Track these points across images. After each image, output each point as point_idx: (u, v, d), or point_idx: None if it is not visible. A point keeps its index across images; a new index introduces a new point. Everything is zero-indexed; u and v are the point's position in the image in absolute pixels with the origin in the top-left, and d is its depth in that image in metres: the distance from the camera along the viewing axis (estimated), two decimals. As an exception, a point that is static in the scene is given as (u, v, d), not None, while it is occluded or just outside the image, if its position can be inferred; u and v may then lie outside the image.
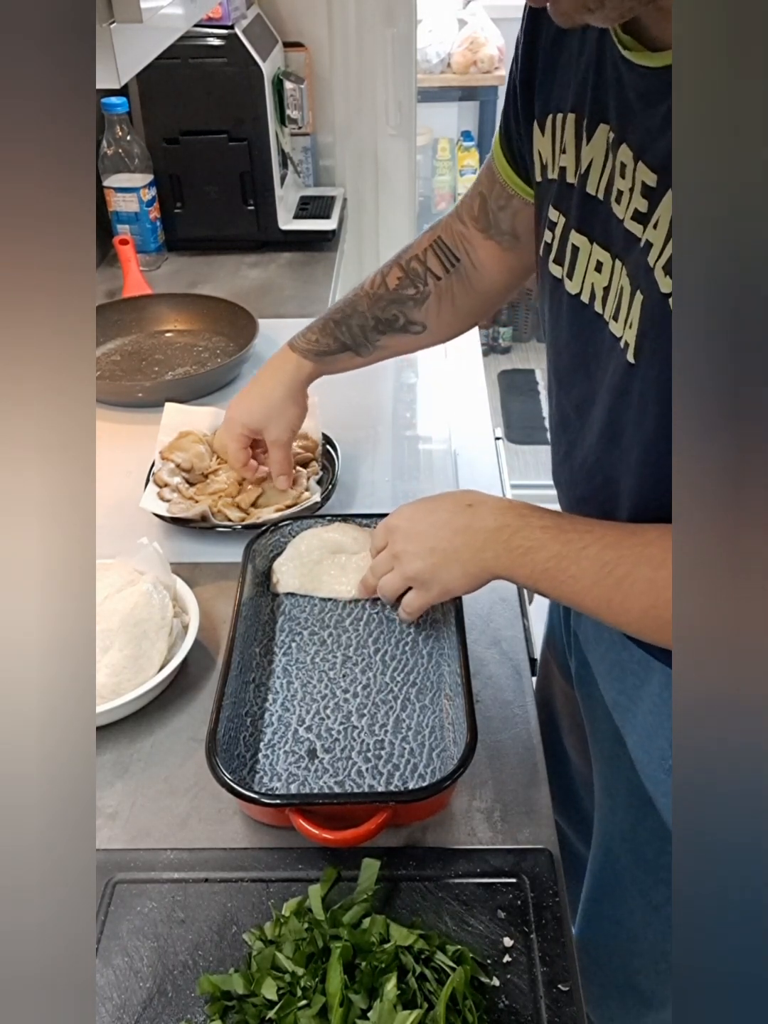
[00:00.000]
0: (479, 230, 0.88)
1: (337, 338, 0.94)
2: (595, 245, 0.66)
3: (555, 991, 0.60)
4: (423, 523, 0.77)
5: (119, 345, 1.45)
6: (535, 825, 0.72)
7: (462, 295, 0.92)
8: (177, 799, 0.75)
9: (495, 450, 1.20)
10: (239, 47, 1.61)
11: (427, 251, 0.91)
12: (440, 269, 0.91)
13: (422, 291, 0.91)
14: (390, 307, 0.92)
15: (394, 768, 0.74)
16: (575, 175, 0.67)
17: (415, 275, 0.91)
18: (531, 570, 0.69)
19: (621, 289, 0.63)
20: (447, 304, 0.92)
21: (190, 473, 1.08)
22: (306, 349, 0.95)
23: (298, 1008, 0.57)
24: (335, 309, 0.95)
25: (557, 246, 0.71)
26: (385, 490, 1.12)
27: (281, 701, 0.80)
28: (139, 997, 0.61)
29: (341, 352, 0.95)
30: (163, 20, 0.79)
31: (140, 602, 0.83)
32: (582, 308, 0.69)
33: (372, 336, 0.94)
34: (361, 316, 0.93)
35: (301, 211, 1.88)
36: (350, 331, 0.93)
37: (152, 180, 1.72)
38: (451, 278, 0.91)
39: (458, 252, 0.90)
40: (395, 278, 0.92)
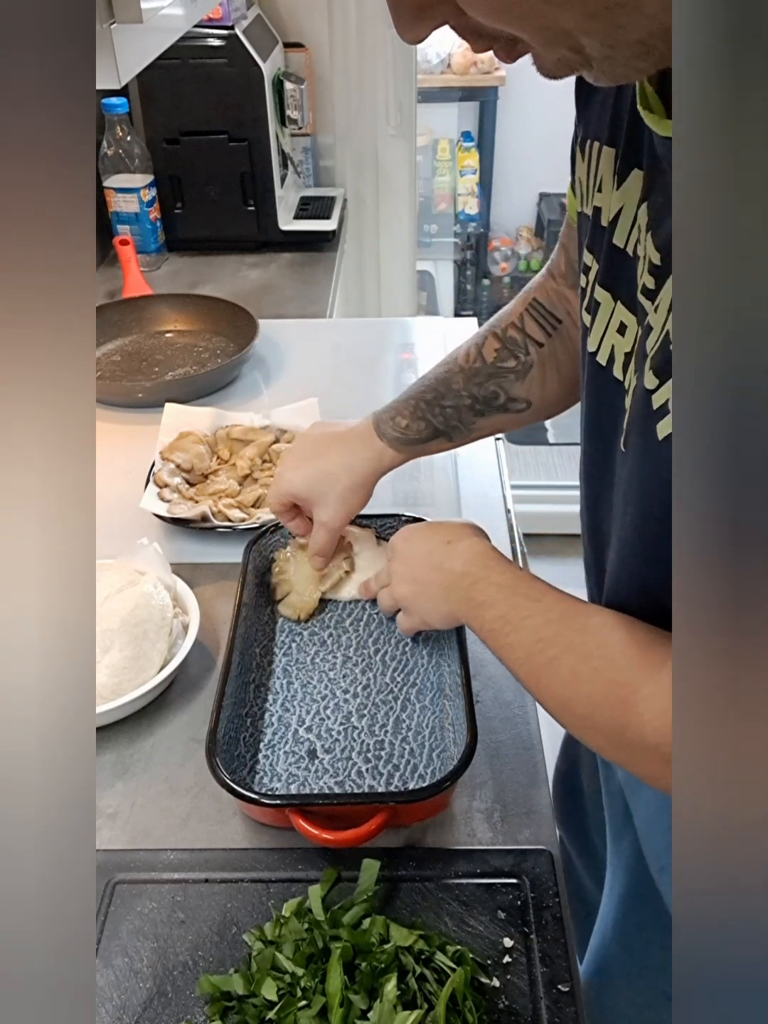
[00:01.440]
0: (570, 287, 0.79)
1: (429, 422, 0.82)
2: (619, 304, 0.58)
3: (555, 991, 0.60)
4: (414, 548, 0.77)
5: (119, 345, 1.46)
6: (535, 826, 0.72)
7: (567, 361, 0.81)
8: (177, 799, 0.75)
9: (495, 450, 1.20)
10: (239, 48, 1.61)
11: (523, 316, 0.81)
12: (541, 335, 0.81)
13: (523, 361, 0.81)
14: (488, 383, 0.81)
15: (394, 768, 0.74)
16: (607, 219, 0.58)
17: (514, 344, 0.81)
18: (480, 625, 0.68)
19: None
20: (552, 373, 0.81)
21: (190, 473, 1.08)
22: (395, 437, 0.83)
23: (298, 1009, 0.57)
24: (425, 387, 0.83)
25: (589, 295, 0.62)
26: (385, 490, 1.12)
27: (281, 701, 0.80)
28: (139, 997, 0.61)
29: (432, 439, 0.83)
30: (163, 21, 0.79)
31: (140, 602, 0.83)
32: (600, 371, 0.61)
33: (468, 418, 0.82)
34: (456, 396, 0.81)
35: (301, 211, 1.88)
36: (443, 414, 0.82)
37: (152, 180, 1.72)
38: (554, 343, 0.81)
39: (558, 313, 0.81)
40: (492, 350, 0.81)
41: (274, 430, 1.15)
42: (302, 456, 0.86)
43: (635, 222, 0.54)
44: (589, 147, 0.61)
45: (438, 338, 1.47)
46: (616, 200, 0.57)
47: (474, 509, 1.08)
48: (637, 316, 0.55)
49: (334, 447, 0.85)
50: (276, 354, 1.42)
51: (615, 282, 0.58)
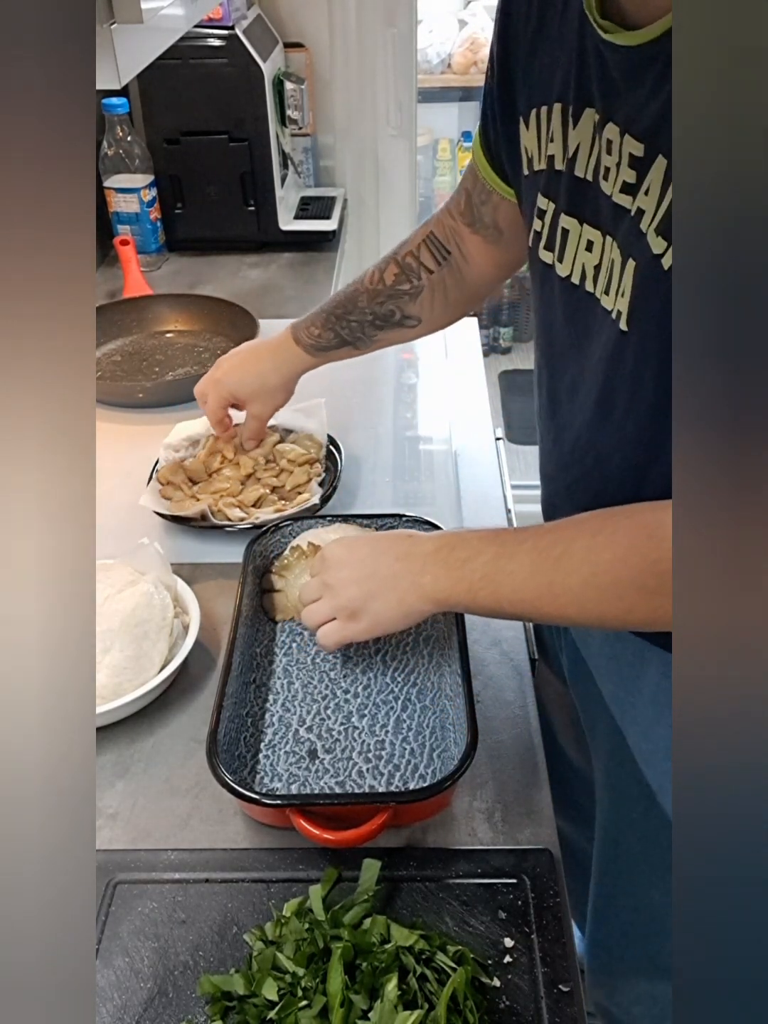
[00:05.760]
0: (465, 224, 0.91)
1: (338, 333, 0.98)
2: (585, 225, 0.67)
3: (556, 991, 0.60)
4: (362, 550, 0.76)
5: (119, 346, 1.46)
6: (536, 825, 0.72)
7: (453, 288, 0.95)
8: (178, 800, 0.75)
9: (496, 450, 1.20)
10: (240, 48, 1.61)
11: (420, 246, 0.95)
12: (433, 263, 0.94)
13: (416, 285, 0.95)
14: (387, 303, 0.96)
15: (395, 768, 0.74)
16: (563, 161, 0.69)
17: (410, 270, 0.95)
18: (470, 582, 0.68)
19: (612, 262, 0.64)
20: (439, 297, 0.96)
21: (194, 471, 1.08)
22: (309, 344, 0.99)
23: (299, 1009, 0.57)
24: (336, 303, 0.98)
25: (547, 232, 0.72)
26: (386, 490, 1.12)
27: (282, 701, 0.80)
28: (140, 998, 0.61)
29: (340, 347, 0.99)
30: (164, 21, 0.79)
31: (141, 602, 0.83)
32: (573, 290, 0.70)
33: (370, 331, 0.98)
34: (360, 312, 0.97)
35: (301, 212, 1.88)
36: (349, 327, 0.98)
37: (153, 181, 1.72)
38: (443, 271, 0.94)
39: (449, 246, 0.94)
40: (391, 274, 0.95)
41: (280, 430, 1.15)
42: (235, 363, 1.04)
43: (592, 150, 0.65)
44: (537, 113, 0.71)
45: (437, 337, 1.46)
46: (572, 140, 0.67)
47: (474, 509, 1.08)
48: (602, 228, 0.65)
49: (262, 354, 1.03)
50: (276, 354, 1.42)
51: (579, 208, 0.68)
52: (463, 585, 0.68)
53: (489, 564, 0.67)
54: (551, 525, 0.68)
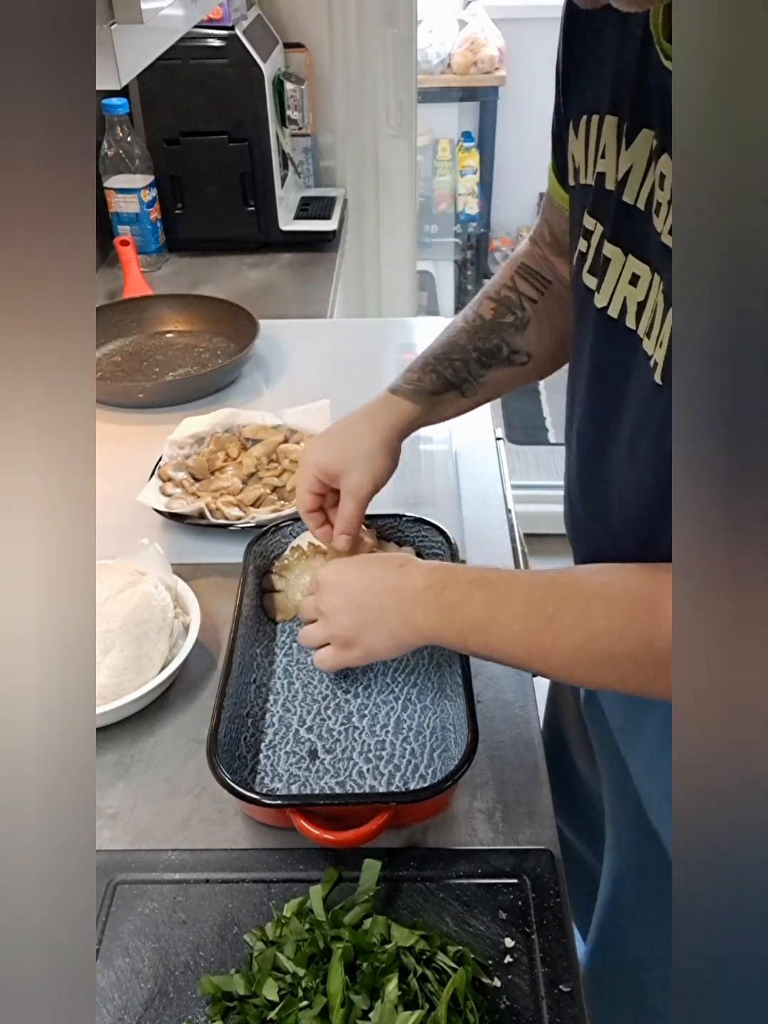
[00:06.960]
0: (555, 255, 0.86)
1: (440, 374, 0.86)
2: (630, 257, 0.63)
3: (556, 992, 0.60)
4: (354, 578, 0.74)
5: (120, 346, 1.46)
6: (536, 825, 0.72)
7: (560, 315, 0.86)
8: (178, 800, 0.75)
9: (496, 450, 1.20)
10: (239, 48, 1.62)
11: (515, 278, 0.88)
12: (534, 292, 0.88)
13: (520, 316, 0.87)
14: (491, 336, 0.86)
15: (395, 769, 0.74)
16: (614, 182, 0.64)
17: (510, 302, 0.87)
18: (460, 626, 0.66)
19: (656, 305, 0.60)
20: (547, 327, 0.88)
21: (197, 469, 1.08)
22: (408, 390, 0.85)
23: (299, 1009, 0.57)
24: (433, 349, 0.88)
25: (593, 256, 0.68)
26: (385, 490, 1.11)
27: (282, 701, 0.80)
28: (140, 998, 0.61)
29: (446, 391, 0.86)
30: (164, 21, 0.79)
31: (141, 603, 0.83)
32: (610, 323, 0.65)
33: (476, 371, 0.87)
34: (462, 350, 0.86)
35: (302, 212, 1.89)
36: (452, 367, 0.86)
37: (153, 181, 1.72)
38: (546, 299, 0.88)
39: (546, 274, 0.88)
40: (489, 309, 0.87)
41: (284, 430, 1.15)
42: (323, 435, 0.87)
43: (646, 177, 0.60)
44: (587, 121, 0.66)
45: (438, 338, 1.47)
46: (624, 161, 0.61)
47: (474, 509, 1.08)
48: (651, 264, 0.60)
49: (354, 416, 0.86)
50: (277, 354, 1.42)
51: (625, 237, 0.63)
52: (454, 628, 0.67)
53: (479, 611, 0.65)
54: (545, 577, 0.65)
